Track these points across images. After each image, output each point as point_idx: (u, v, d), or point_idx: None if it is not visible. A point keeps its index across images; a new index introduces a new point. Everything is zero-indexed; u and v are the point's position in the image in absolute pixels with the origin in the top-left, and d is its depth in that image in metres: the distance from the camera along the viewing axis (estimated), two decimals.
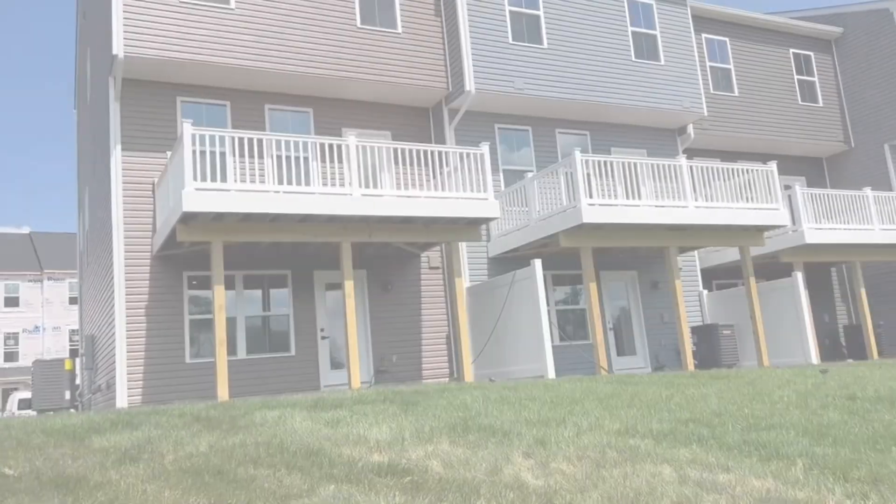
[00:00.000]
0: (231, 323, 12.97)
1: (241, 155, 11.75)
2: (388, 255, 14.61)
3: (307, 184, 11.70)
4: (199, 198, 10.52)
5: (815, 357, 15.26)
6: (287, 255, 13.66)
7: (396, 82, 14.92)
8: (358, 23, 14.82)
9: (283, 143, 11.86)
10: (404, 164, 13.33)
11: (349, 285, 11.67)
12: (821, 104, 21.50)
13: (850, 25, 21.97)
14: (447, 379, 14.38)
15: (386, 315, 14.55)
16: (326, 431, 5.95)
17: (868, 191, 17.73)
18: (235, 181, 11.06)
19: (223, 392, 10.48)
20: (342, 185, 11.88)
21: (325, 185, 12.00)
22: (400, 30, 15.24)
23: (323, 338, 13.95)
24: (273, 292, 13.87)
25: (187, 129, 10.69)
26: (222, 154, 11.22)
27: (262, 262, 13.57)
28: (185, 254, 12.59)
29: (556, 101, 16.19)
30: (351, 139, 11.91)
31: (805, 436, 5.56)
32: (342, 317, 11.97)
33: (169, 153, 12.29)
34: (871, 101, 21.33)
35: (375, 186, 12.17)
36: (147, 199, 13.05)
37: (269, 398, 9.02)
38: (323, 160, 12.85)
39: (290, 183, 11.48)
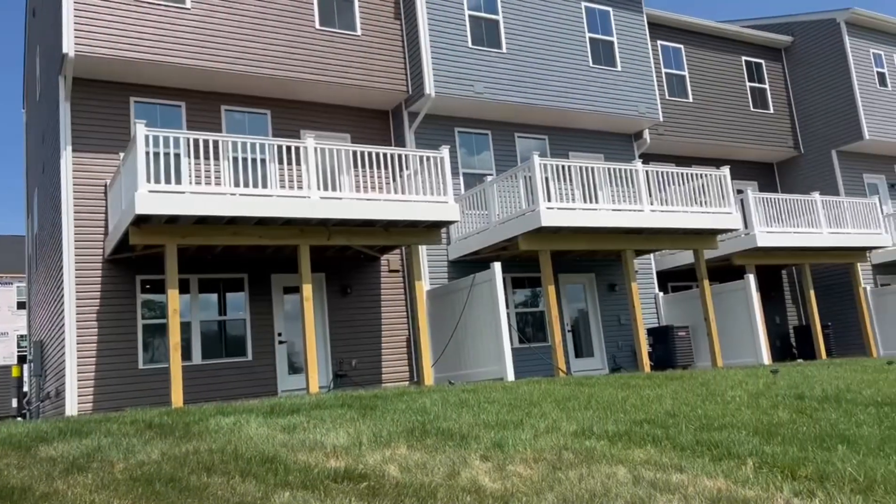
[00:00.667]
0: (186, 328, 12.75)
1: (197, 156, 11.57)
2: (348, 259, 14.53)
3: (264, 186, 11.57)
4: (153, 200, 10.31)
5: (766, 357, 15.63)
6: (243, 259, 13.49)
7: (356, 84, 14.85)
8: (317, 24, 14.72)
9: (239, 145, 11.71)
10: (364, 166, 13.27)
11: (307, 289, 11.57)
12: (772, 111, 22.07)
13: (799, 34, 22.62)
14: (407, 383, 14.35)
15: (345, 319, 14.46)
16: (282, 437, 5.88)
17: (816, 195, 18.26)
18: (190, 183, 10.89)
19: (177, 398, 10.28)
20: (300, 187, 11.77)
21: (282, 187, 11.87)
22: (359, 32, 15.19)
23: (280, 342, 13.79)
24: (229, 296, 13.66)
25: (140, 130, 10.48)
26: (177, 155, 11.03)
27: (218, 265, 13.36)
28: (139, 257, 12.33)
29: (515, 106, 16.31)
30: (309, 141, 11.81)
31: (755, 435, 5.68)
32: (300, 321, 11.85)
33: (121, 154, 12.04)
34: (819, 109, 21.99)
35: (334, 189, 12.09)
36: (99, 201, 12.75)
37: (225, 404, 8.87)
38: (280, 162, 12.72)
39: (246, 185, 11.34)
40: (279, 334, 13.81)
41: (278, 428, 6.32)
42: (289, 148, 12.15)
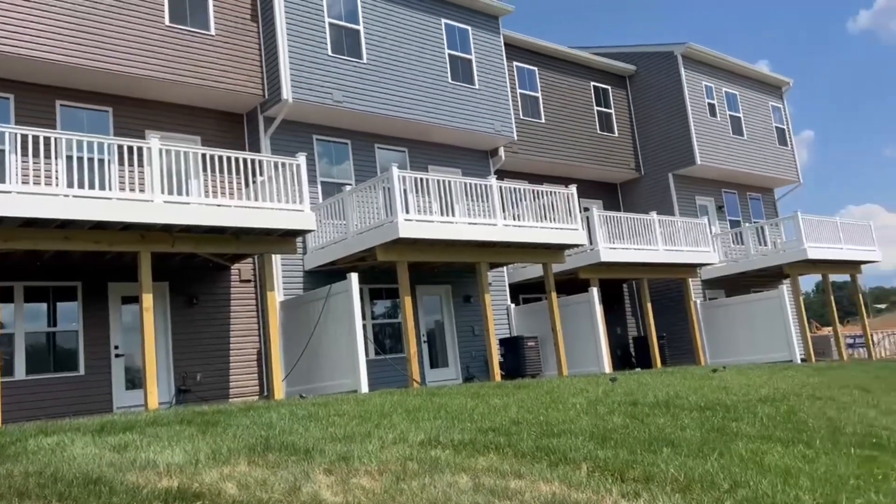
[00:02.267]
0: (7, 340, 11.66)
1: (25, 154, 10.62)
2: (195, 267, 13.86)
3: (103, 188, 10.78)
4: None
5: (607, 366, 16.54)
6: (77, 265, 12.50)
7: (207, 85, 14.25)
8: (166, 21, 14.00)
9: (75, 143, 10.84)
10: (214, 171, 12.71)
11: (147, 298, 10.88)
12: (616, 134, 23.53)
13: (642, 64, 24.31)
14: (257, 397, 13.87)
15: (190, 331, 13.76)
16: (111, 457, 5.47)
17: (654, 215, 19.62)
18: (17, 182, 9.97)
19: None
20: (143, 190, 11.08)
21: (123, 190, 11.12)
22: (213, 31, 14.61)
23: (118, 356, 12.89)
24: (60, 306, 12.60)
25: None
26: (1, 152, 10.06)
27: (48, 272, 12.31)
28: None
29: (375, 117, 16.31)
30: (153, 141, 11.15)
31: (591, 440, 5.97)
32: (140, 332, 11.13)
33: None
34: (658, 134, 23.71)
35: (181, 193, 11.48)
36: None
37: (50, 422, 8.15)
38: (122, 164, 11.94)
39: (82, 186, 10.51)
40: (116, 347, 12.90)
41: (108, 447, 5.88)
42: (130, 148, 11.41)
